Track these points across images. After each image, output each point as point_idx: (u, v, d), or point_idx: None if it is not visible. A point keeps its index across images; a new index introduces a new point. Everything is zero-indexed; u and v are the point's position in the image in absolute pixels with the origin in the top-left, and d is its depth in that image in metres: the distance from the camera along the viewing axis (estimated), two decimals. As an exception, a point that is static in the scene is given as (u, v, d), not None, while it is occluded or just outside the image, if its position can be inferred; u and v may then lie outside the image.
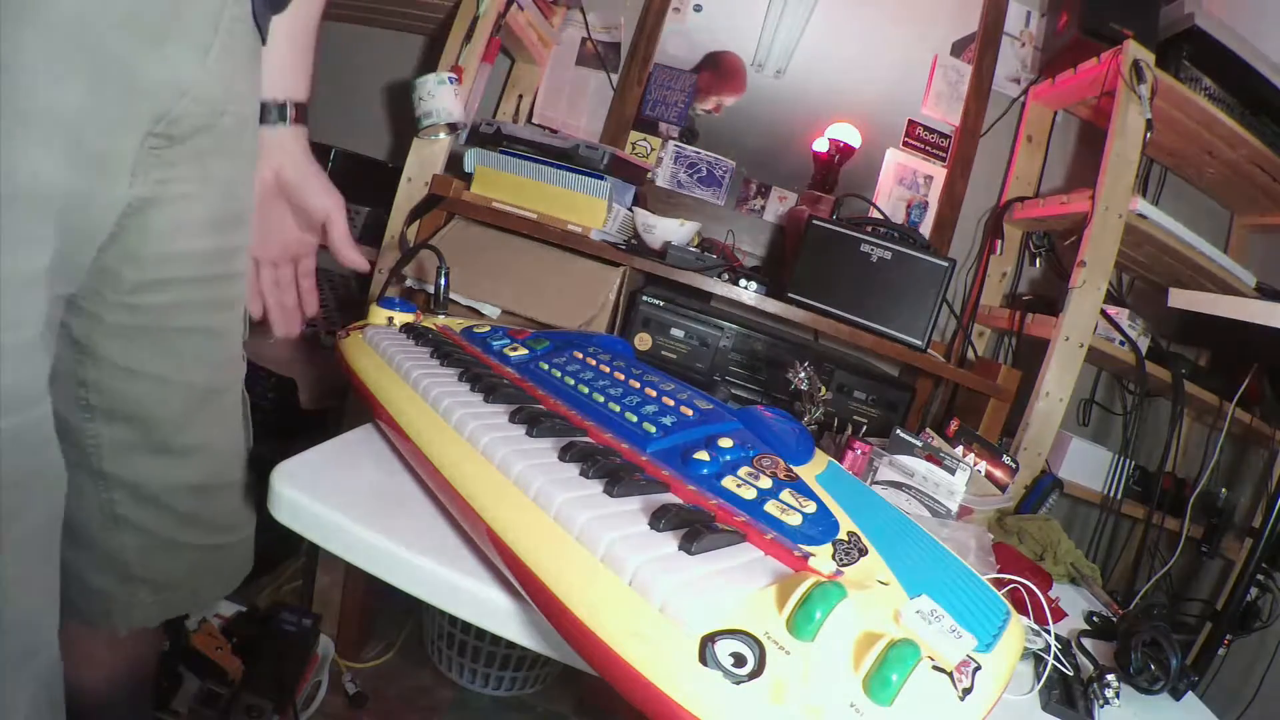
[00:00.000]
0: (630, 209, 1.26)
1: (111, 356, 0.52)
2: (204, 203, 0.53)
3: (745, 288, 1.16)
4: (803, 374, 0.90)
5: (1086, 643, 0.67)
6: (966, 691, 0.30)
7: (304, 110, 0.62)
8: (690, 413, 0.52)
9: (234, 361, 0.62)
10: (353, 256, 0.67)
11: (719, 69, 1.62)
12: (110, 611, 0.59)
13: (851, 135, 1.58)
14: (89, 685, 0.64)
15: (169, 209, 0.51)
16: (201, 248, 0.54)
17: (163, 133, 0.48)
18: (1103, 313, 1.25)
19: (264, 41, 0.56)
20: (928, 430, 0.95)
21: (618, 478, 0.41)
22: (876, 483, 0.82)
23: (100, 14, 0.42)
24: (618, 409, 0.52)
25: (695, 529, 0.36)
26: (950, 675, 0.30)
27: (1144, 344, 1.33)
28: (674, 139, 1.61)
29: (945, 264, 1.15)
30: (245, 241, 0.60)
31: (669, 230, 1.17)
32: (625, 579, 0.33)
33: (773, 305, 1.18)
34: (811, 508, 0.42)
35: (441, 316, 0.77)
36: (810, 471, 0.48)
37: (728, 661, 0.29)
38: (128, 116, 0.45)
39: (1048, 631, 0.57)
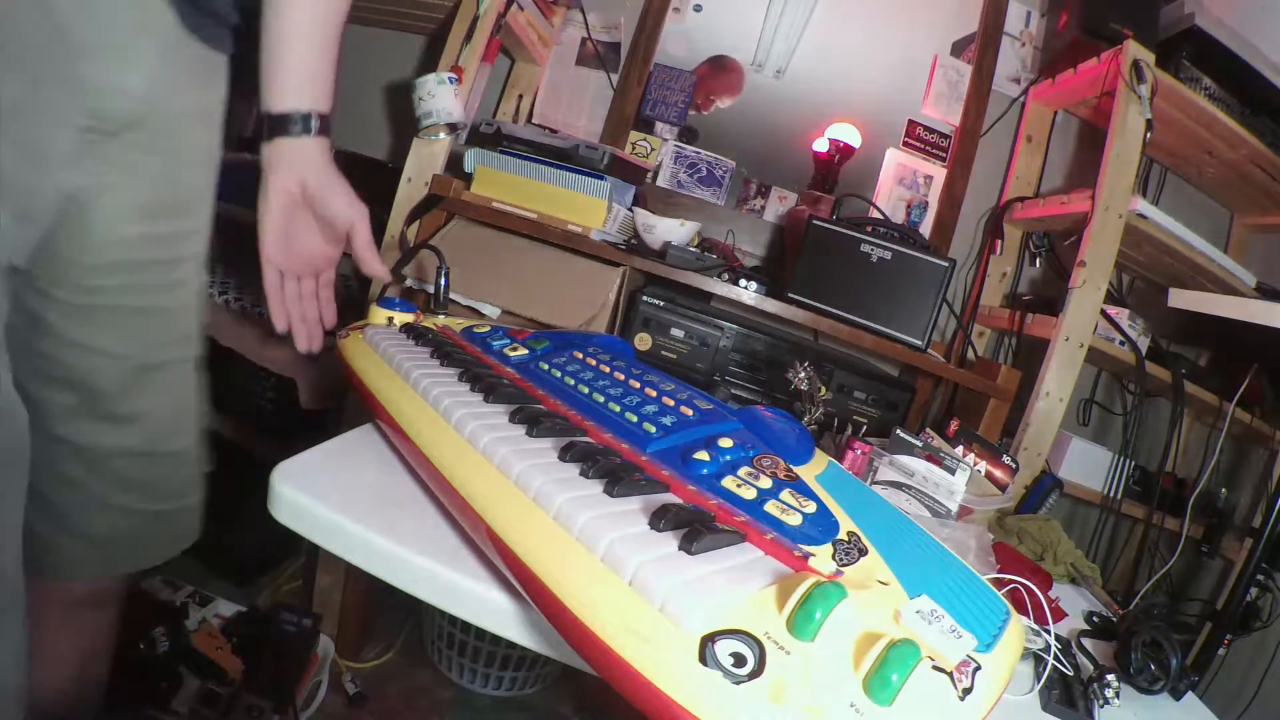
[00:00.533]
0: (630, 209, 1.26)
1: (62, 331, 0.57)
2: (138, 192, 0.57)
3: (745, 288, 1.16)
4: (803, 374, 0.90)
5: (1086, 643, 0.67)
6: (966, 691, 0.30)
7: (327, 121, 0.64)
8: (690, 413, 0.52)
9: (180, 338, 0.65)
10: (376, 266, 0.69)
11: (719, 65, 1.62)
12: (55, 563, 0.63)
13: (851, 135, 1.58)
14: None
15: (108, 197, 0.55)
16: (139, 233, 0.58)
17: (95, 128, 0.52)
18: (1103, 313, 1.25)
19: (226, 49, 0.60)
20: (928, 430, 0.95)
21: (618, 478, 0.41)
22: (876, 483, 0.82)
23: (33, 24, 0.47)
24: (618, 409, 0.52)
25: (695, 529, 0.36)
26: (950, 675, 0.30)
27: (1144, 344, 1.33)
28: (674, 139, 1.61)
29: (945, 264, 1.15)
30: (191, 228, 0.63)
31: (669, 230, 1.17)
32: (625, 579, 0.33)
33: (773, 305, 1.18)
34: (811, 508, 0.42)
35: (441, 316, 0.77)
36: (810, 471, 0.48)
37: (728, 661, 0.29)
38: (63, 111, 0.50)
39: (1048, 631, 0.57)
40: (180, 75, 0.57)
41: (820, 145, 1.59)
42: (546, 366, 0.60)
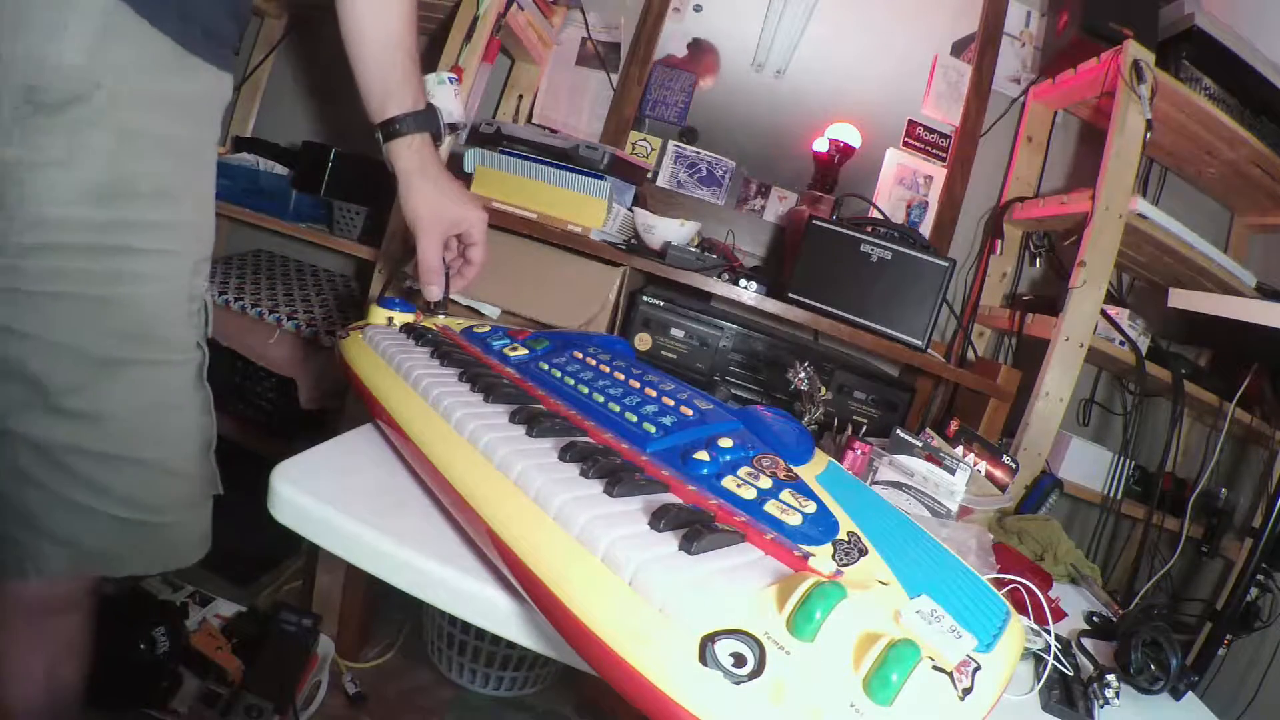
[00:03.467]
0: (630, 209, 1.26)
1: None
2: (80, 171, 0.55)
3: (745, 288, 1.16)
4: (803, 374, 0.90)
5: (1086, 643, 0.67)
6: (966, 691, 0.30)
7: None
8: (690, 413, 0.52)
9: (139, 337, 0.61)
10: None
11: (699, 49, 1.63)
12: (19, 559, 0.61)
13: (851, 135, 1.58)
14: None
15: (44, 174, 0.54)
16: (81, 216, 0.56)
17: (31, 100, 0.52)
18: (1103, 313, 1.25)
19: (176, 37, 0.57)
20: (928, 430, 0.95)
21: (618, 478, 0.41)
22: (876, 483, 0.82)
23: None
24: (618, 409, 0.52)
25: (695, 529, 0.36)
26: (950, 675, 0.30)
27: (1144, 344, 1.33)
28: (674, 139, 1.61)
29: (945, 264, 1.15)
30: (151, 220, 0.60)
31: (669, 230, 1.17)
32: (625, 579, 0.33)
33: (773, 305, 1.18)
34: (811, 508, 0.42)
35: (441, 316, 0.77)
36: (810, 471, 0.47)
37: (728, 661, 0.29)
38: None
39: (1048, 631, 0.57)
40: (131, 57, 0.55)
41: (820, 145, 1.58)
42: (546, 366, 0.60)
